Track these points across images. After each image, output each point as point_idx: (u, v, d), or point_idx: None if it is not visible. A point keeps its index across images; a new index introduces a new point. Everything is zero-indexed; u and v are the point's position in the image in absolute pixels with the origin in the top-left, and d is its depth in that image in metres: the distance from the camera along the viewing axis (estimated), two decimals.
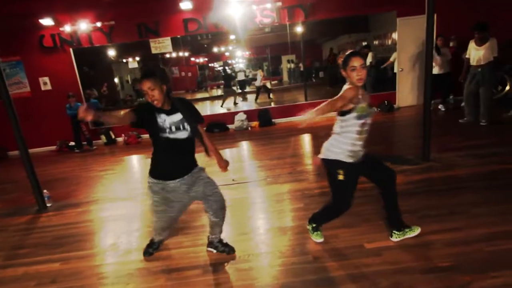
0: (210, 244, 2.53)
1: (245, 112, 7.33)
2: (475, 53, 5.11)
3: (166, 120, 2.08)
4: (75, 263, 2.64)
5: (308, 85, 8.28)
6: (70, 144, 7.02)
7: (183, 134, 2.12)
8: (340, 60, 2.14)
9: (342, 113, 2.14)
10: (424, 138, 3.93)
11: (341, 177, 2.19)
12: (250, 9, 6.66)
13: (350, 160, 2.18)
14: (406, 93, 7.50)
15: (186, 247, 2.67)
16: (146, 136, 7.34)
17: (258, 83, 9.84)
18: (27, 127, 4.68)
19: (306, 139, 5.98)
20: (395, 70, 7.55)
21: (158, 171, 2.19)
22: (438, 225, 2.55)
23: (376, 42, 9.34)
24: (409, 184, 3.38)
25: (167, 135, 2.07)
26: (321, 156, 2.30)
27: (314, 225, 2.53)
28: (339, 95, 2.08)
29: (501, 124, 5.24)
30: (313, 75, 14.11)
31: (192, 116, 2.19)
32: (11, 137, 6.92)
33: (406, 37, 7.08)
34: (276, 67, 16.63)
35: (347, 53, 2.10)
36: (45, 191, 3.90)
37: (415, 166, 3.83)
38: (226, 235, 2.68)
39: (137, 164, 5.72)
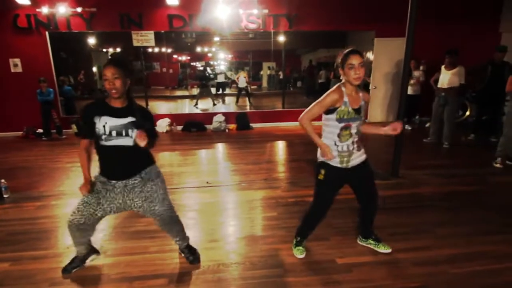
0: (179, 248, 2.34)
1: (224, 114, 7.11)
2: (444, 77, 5.25)
3: (107, 123, 1.82)
4: (27, 264, 2.32)
5: (286, 93, 8.20)
6: (37, 131, 6.46)
7: (125, 141, 1.85)
8: (338, 58, 2.01)
9: (326, 112, 2.05)
10: (395, 154, 3.94)
11: (321, 176, 2.12)
12: (237, 12, 6.48)
13: (334, 163, 2.07)
14: (377, 110, 7.64)
15: (152, 252, 2.44)
16: None
17: (241, 84, 9.62)
18: None
19: (281, 146, 5.87)
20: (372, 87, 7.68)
21: (101, 170, 2.00)
22: (406, 243, 2.50)
23: None
24: (379, 199, 3.35)
25: (103, 142, 1.84)
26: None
27: (298, 238, 2.40)
28: (322, 97, 1.99)
29: (462, 147, 5.42)
30: (291, 84, 14.17)
31: (145, 127, 1.85)
32: None
33: (382, 57, 7.21)
34: (256, 73, 16.56)
35: (345, 50, 1.98)
36: (2, 180, 3.48)
37: (384, 181, 3.82)
38: (196, 240, 2.48)
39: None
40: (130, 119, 1.85)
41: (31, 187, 3.82)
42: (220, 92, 11.17)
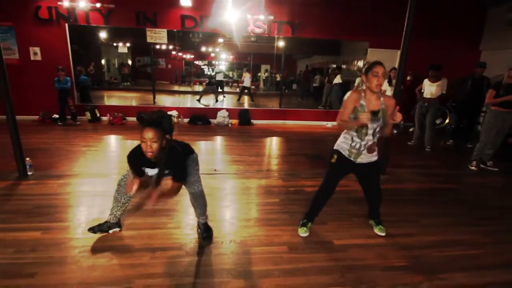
0: (197, 224, 2.45)
1: (227, 109, 7.17)
2: (428, 88, 5.42)
3: (148, 172, 2.01)
4: (57, 234, 2.38)
5: (282, 94, 8.32)
6: (53, 116, 6.42)
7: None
8: (364, 66, 2.17)
9: None
10: (383, 154, 4.07)
11: (333, 159, 2.31)
12: (244, 17, 6.53)
13: (347, 155, 2.25)
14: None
15: (170, 228, 2.52)
16: (131, 118, 6.93)
17: (246, 83, 9.70)
18: (11, 94, 4.19)
19: (280, 141, 5.97)
20: None
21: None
22: (394, 230, 2.64)
23: (344, 66, 9.63)
24: None
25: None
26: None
27: (305, 220, 2.54)
28: (344, 102, 2.18)
29: (442, 150, 5.62)
30: (286, 86, 14.27)
31: (174, 175, 1.99)
32: None
33: None
34: (254, 74, 16.62)
35: (372, 60, 2.13)
36: (27, 159, 3.50)
37: None
38: (216, 219, 2.58)
39: (120, 144, 5.35)
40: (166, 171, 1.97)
41: (51, 167, 3.84)
42: (218, 90, 11.23)
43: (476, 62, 5.98)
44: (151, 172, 1.99)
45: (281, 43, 7.29)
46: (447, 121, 6.91)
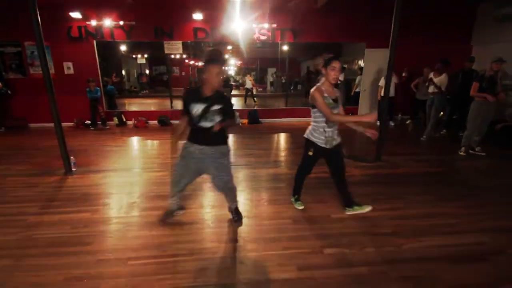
0: (229, 209, 2.66)
1: (237, 110, 7.53)
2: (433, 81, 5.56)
3: (198, 110, 2.06)
4: (104, 214, 2.78)
5: (288, 94, 8.61)
6: (86, 122, 6.93)
7: (209, 124, 2.09)
8: (320, 60, 2.31)
9: (313, 106, 2.39)
10: (378, 144, 4.34)
11: (310, 153, 2.53)
12: (250, 26, 6.87)
13: (323, 145, 2.44)
14: (365, 109, 7.99)
15: (194, 208, 2.89)
16: (153, 122, 7.38)
17: (247, 85, 10.20)
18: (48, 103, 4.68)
19: (286, 137, 6.27)
20: (357, 90, 8.04)
21: (189, 136, 2.24)
22: (383, 205, 2.92)
23: (345, 65, 9.82)
24: (364, 176, 3.77)
25: (195, 125, 2.12)
26: (305, 135, 2.55)
27: (296, 196, 2.85)
28: (315, 101, 2.32)
29: (435, 139, 5.79)
30: (292, 87, 14.54)
31: (226, 111, 2.10)
32: (32, 110, 6.80)
33: (371, 65, 7.55)
34: (262, 77, 16.95)
35: (330, 55, 2.26)
36: (71, 157, 3.94)
37: (369, 163, 4.23)
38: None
39: (144, 144, 5.78)
40: (215, 107, 2.05)
41: (90, 164, 4.28)
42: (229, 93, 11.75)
43: (468, 57, 6.11)
44: (198, 107, 2.05)
45: (285, 48, 7.59)
46: (442, 113, 7.04)
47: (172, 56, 8.67)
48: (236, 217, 2.62)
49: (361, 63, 8.67)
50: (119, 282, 1.90)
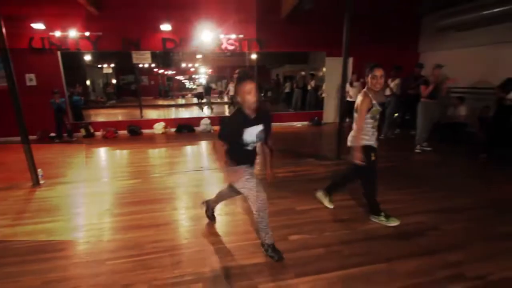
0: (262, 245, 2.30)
1: (209, 117, 7.73)
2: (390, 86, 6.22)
3: (250, 133, 2.02)
4: (77, 222, 2.85)
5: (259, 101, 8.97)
6: (50, 134, 6.72)
7: (255, 144, 2.13)
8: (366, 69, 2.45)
9: (357, 111, 2.49)
10: (338, 144, 4.78)
11: (373, 158, 2.56)
12: (218, 37, 7.16)
13: (374, 145, 2.57)
14: (330, 113, 8.57)
15: (168, 210, 3.05)
16: (122, 132, 7.33)
17: (232, 92, 10.48)
18: (8, 117, 4.59)
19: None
20: (323, 95, 8.62)
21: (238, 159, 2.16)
22: (344, 196, 3.27)
23: (313, 73, 10.43)
24: (328, 172, 4.14)
25: (245, 148, 2.09)
26: (358, 144, 2.53)
27: (382, 213, 2.75)
28: (360, 108, 2.43)
29: (391, 138, 6.41)
30: (263, 94, 14.99)
31: (268, 130, 2.12)
32: None
33: (332, 72, 8.15)
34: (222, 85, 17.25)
35: (371, 64, 2.36)
36: (39, 169, 3.90)
37: (331, 161, 4.64)
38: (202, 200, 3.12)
39: (114, 154, 5.76)
40: (260, 127, 2.06)
41: (59, 176, 4.22)
42: (199, 101, 11.94)
43: (416, 63, 6.88)
44: (253, 130, 2.02)
45: (254, 56, 7.97)
46: (396, 114, 7.78)
47: (141, 65, 8.68)
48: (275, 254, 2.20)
49: (324, 70, 9.29)
50: (99, 280, 2.02)
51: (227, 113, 9.80)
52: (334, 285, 1.93)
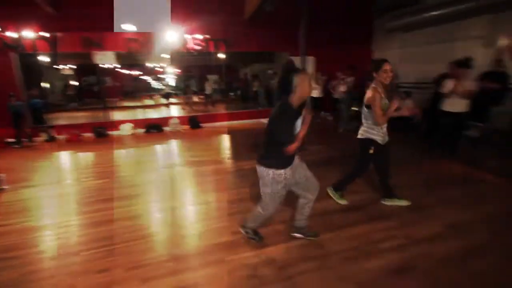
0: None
1: (178, 117, 7.82)
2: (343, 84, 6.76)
3: (297, 126, 2.00)
4: (47, 221, 2.93)
5: (228, 99, 9.24)
6: (8, 140, 6.41)
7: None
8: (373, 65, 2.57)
9: (367, 106, 2.58)
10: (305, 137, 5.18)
11: (371, 151, 2.68)
12: (184, 37, 7.28)
13: (380, 141, 2.67)
14: None
15: (139, 204, 3.22)
16: (87, 134, 7.19)
17: (208, 91, 10.76)
18: None
19: (225, 138, 6.80)
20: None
21: (284, 161, 2.09)
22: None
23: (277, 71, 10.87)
24: None
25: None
26: (360, 136, 2.72)
27: (339, 192, 3.08)
28: (373, 102, 2.51)
29: (348, 132, 6.97)
30: (232, 93, 15.21)
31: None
32: None
33: None
34: (202, 84, 17.26)
35: (379, 59, 2.55)
36: (1, 174, 3.84)
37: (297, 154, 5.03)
38: (181, 191, 3.31)
39: (78, 157, 5.69)
40: (300, 117, 2.05)
41: (22, 180, 4.15)
42: (167, 101, 11.98)
43: (370, 61, 7.55)
44: (298, 122, 2.01)
45: (222, 55, 8.19)
46: (354, 108, 8.44)
47: (105, 66, 8.51)
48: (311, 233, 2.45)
49: None
50: (73, 268, 2.18)
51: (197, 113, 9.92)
52: (290, 250, 2.26)
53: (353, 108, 8.12)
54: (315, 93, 8.22)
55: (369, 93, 2.56)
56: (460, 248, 2.26)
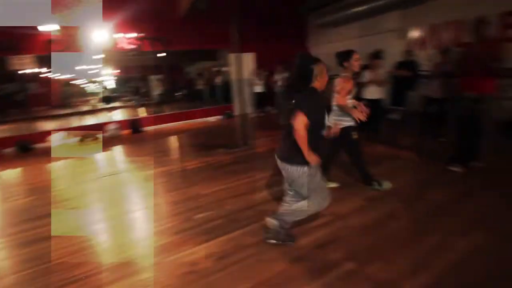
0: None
1: (117, 122, 7.39)
2: (280, 77, 7.10)
3: (326, 117, 2.01)
4: None
5: (174, 100, 9.01)
6: None
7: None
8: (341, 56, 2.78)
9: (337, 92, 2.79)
10: (242, 131, 5.37)
11: (355, 136, 2.87)
12: (117, 36, 6.87)
13: (355, 126, 2.85)
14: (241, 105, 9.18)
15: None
16: (7, 149, 6.41)
17: (151, 92, 10.31)
18: None
19: (170, 139, 6.66)
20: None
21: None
22: (244, 175, 3.81)
23: (222, 69, 10.92)
24: (235, 158, 4.65)
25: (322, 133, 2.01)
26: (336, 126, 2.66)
27: (374, 182, 3.08)
28: (341, 88, 2.74)
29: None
30: (177, 93, 14.77)
31: None
32: None
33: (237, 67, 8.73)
34: (146, 85, 16.41)
35: (347, 50, 2.77)
36: None
37: (239, 149, 5.17)
38: (130, 195, 3.18)
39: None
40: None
41: None
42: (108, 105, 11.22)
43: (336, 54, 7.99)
44: (326, 114, 1.99)
45: (164, 54, 7.92)
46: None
47: (27, 71, 7.60)
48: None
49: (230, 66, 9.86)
50: None
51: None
52: (229, 242, 2.38)
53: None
54: (258, 88, 8.50)
55: (340, 82, 2.79)
56: (376, 217, 2.62)
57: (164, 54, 8.01)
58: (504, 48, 3.25)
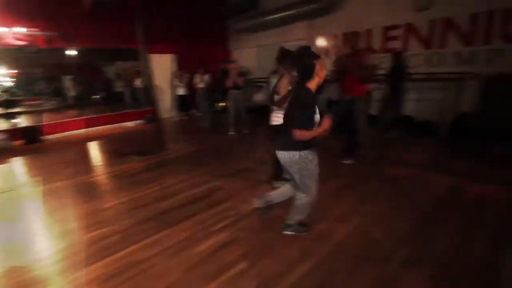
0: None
1: (7, 131, 6.24)
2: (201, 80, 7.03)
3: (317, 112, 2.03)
4: None
5: (90, 103, 8.07)
6: None
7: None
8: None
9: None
10: (158, 137, 5.17)
11: None
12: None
13: None
14: (163, 109, 8.78)
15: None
16: None
17: (61, 94, 8.95)
18: None
19: (77, 149, 5.95)
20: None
21: (308, 144, 2.06)
22: (164, 180, 3.63)
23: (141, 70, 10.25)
24: (150, 165, 4.41)
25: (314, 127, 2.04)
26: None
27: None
28: (284, 89, 2.98)
29: (212, 126, 7.33)
30: (97, 95, 13.25)
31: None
32: None
33: (160, 68, 8.28)
34: (57, 87, 14.27)
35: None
36: None
37: (154, 155, 4.94)
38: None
39: None
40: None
41: None
42: (6, 111, 9.36)
43: (230, 59, 8.10)
44: (317, 108, 2.03)
45: (75, 53, 7.04)
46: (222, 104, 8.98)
47: None
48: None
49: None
50: None
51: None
52: (120, 260, 2.24)
53: (220, 104, 8.64)
54: (181, 91, 8.28)
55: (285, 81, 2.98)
56: (274, 215, 2.80)
57: (75, 52, 7.12)
58: (370, 58, 3.90)
